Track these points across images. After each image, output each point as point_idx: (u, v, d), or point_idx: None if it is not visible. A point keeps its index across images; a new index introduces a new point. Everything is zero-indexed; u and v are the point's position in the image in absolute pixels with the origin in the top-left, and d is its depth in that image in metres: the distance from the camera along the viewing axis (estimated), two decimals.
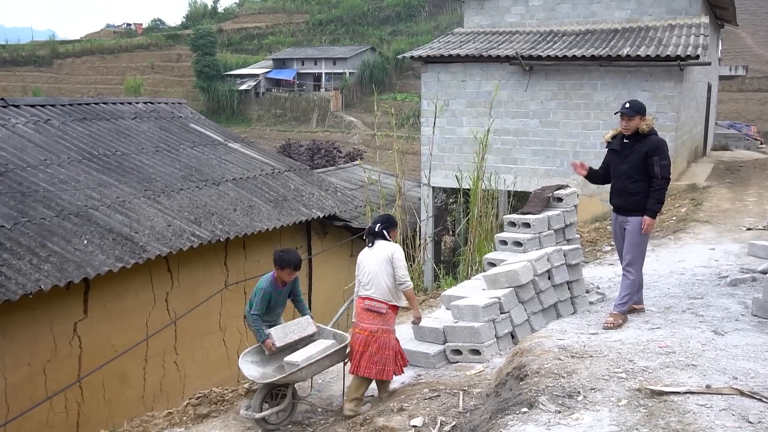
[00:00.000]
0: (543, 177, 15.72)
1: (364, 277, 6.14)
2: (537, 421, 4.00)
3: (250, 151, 13.73)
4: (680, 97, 14.97)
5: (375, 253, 6.15)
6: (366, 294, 6.11)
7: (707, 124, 22.74)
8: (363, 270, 6.18)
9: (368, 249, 6.25)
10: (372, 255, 6.17)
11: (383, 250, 6.13)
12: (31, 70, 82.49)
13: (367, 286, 6.11)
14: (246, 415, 6.04)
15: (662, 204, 6.51)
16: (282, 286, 6.50)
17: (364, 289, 6.14)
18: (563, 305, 7.32)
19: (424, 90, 17.33)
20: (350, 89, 68.82)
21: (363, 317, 6.09)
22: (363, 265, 6.20)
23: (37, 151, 10.17)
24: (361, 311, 6.11)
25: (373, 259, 6.14)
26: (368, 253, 6.22)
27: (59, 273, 7.72)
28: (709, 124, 23.37)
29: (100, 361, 8.36)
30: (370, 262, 6.14)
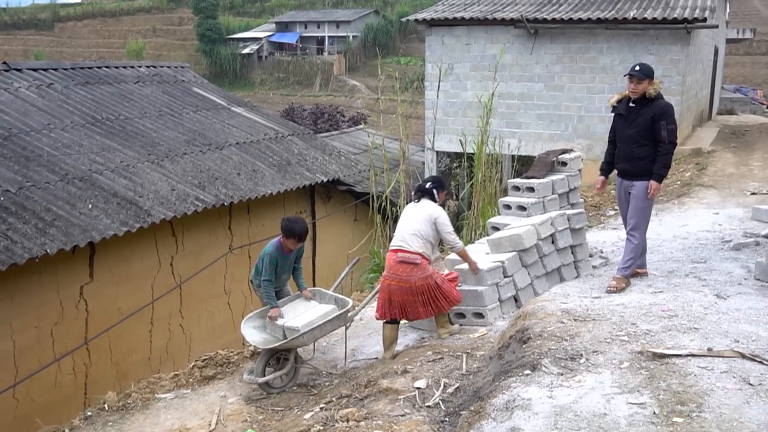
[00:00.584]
0: (547, 141, 15.65)
1: (404, 231, 6.28)
2: (539, 383, 4.04)
3: (253, 115, 13.67)
4: (686, 61, 14.83)
5: (419, 210, 6.36)
6: (400, 246, 6.24)
7: (713, 87, 22.55)
8: (404, 224, 6.35)
9: (414, 204, 6.49)
10: (416, 211, 6.38)
11: (427, 209, 6.35)
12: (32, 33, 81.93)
13: (404, 239, 6.24)
14: (249, 379, 6.10)
15: (669, 169, 6.48)
16: (288, 252, 6.55)
17: (399, 242, 6.26)
18: (566, 269, 7.34)
19: (428, 53, 17.18)
20: (353, 53, 68.24)
21: (399, 270, 6.20)
22: (406, 220, 6.38)
23: (40, 116, 10.14)
24: (395, 264, 6.22)
25: (416, 215, 6.33)
26: (413, 208, 6.44)
27: (65, 237, 7.75)
28: (715, 88, 23.18)
29: (106, 324, 8.44)
30: (413, 218, 6.33)
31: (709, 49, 19.62)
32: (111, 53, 72.84)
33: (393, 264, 6.25)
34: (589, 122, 15.55)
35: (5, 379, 7.55)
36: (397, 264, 6.21)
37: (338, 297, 6.65)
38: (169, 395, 6.39)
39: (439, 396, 4.97)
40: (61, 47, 77.96)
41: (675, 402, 3.62)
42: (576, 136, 15.68)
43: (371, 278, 10.14)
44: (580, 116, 15.65)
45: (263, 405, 5.92)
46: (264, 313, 6.47)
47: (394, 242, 6.32)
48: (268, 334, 6.31)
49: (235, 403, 6.00)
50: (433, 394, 5.02)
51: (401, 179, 11.98)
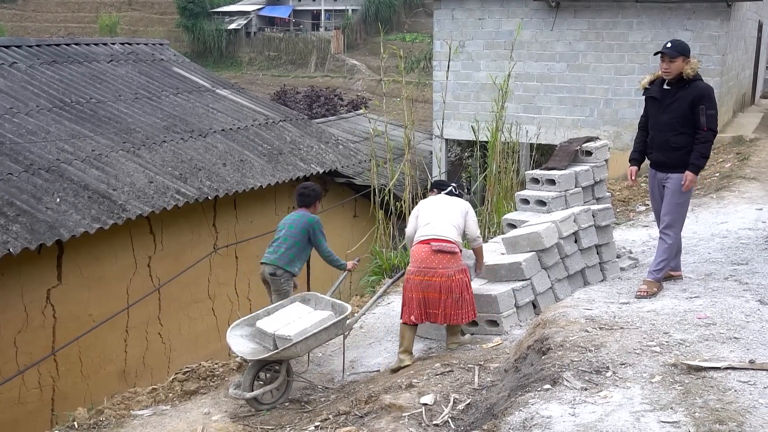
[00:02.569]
0: (570, 128, 15.63)
1: (436, 222, 6.37)
2: (561, 399, 4.04)
3: (240, 98, 13.68)
4: (727, 38, 14.79)
5: (449, 202, 6.62)
6: (435, 235, 6.28)
7: (756, 68, 22.49)
8: (434, 214, 6.45)
9: (437, 196, 6.72)
10: (445, 202, 6.61)
11: (458, 201, 6.66)
12: None
13: (438, 229, 6.33)
14: (235, 394, 6.10)
15: (707, 159, 6.47)
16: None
17: (432, 231, 6.32)
18: (591, 271, 7.34)
19: (437, 29, 17.15)
20: (353, 29, 68.14)
21: (434, 261, 6.21)
22: (435, 210, 6.51)
23: (1, 98, 10.16)
24: (430, 255, 6.22)
25: (447, 206, 6.55)
26: (440, 200, 6.66)
27: (29, 235, 7.77)
28: (758, 69, 23.11)
29: (76, 332, 8.45)
30: (445, 208, 6.52)
31: (752, 25, 19.56)
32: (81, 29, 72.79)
33: (426, 256, 6.23)
34: (617, 107, 15.52)
35: None
36: (433, 255, 6.21)
37: (335, 302, 6.66)
38: (146, 412, 6.41)
39: (448, 413, 4.97)
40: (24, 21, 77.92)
41: (713, 420, 3.63)
42: (602, 122, 15.66)
43: (372, 281, 10.14)
44: (606, 100, 15.61)
45: (251, 423, 5.93)
46: (251, 320, 6.47)
47: (424, 233, 6.35)
48: (257, 343, 6.32)
49: (219, 420, 6.01)
50: (441, 411, 5.02)
51: (406, 171, 11.97)
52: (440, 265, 6.20)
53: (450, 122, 16.57)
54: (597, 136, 10.49)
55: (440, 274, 6.19)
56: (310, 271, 8.07)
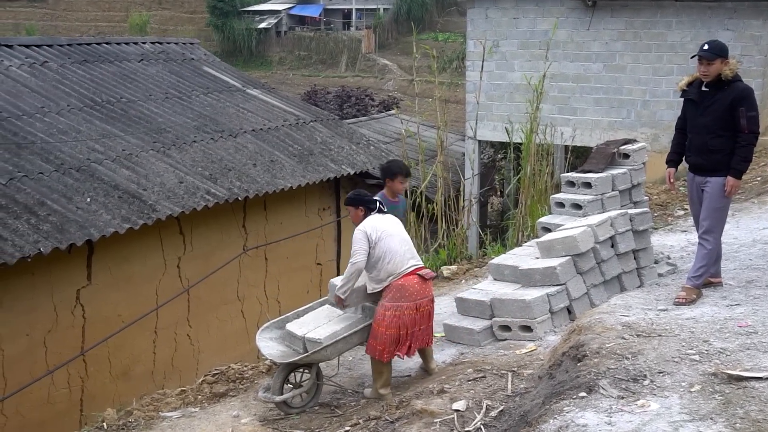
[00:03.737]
0: (606, 130, 15.52)
1: (407, 248, 6.24)
2: (597, 407, 4.02)
3: (271, 98, 13.76)
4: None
5: (396, 222, 6.39)
6: (418, 263, 6.24)
7: None
8: (396, 238, 6.19)
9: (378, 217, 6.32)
10: (393, 223, 6.34)
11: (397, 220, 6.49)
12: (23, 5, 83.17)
13: (414, 255, 6.28)
14: (264, 398, 6.14)
15: (749, 162, 6.40)
16: (395, 200, 7.05)
17: (414, 260, 6.22)
18: (628, 277, 7.29)
19: (470, 29, 17.12)
20: (384, 28, 68.21)
21: (426, 290, 6.18)
22: (398, 234, 6.26)
23: (33, 98, 10.31)
24: (422, 285, 6.14)
25: (399, 227, 6.35)
26: (385, 221, 6.30)
27: (60, 234, 7.88)
28: None
29: (105, 332, 8.55)
30: (399, 229, 6.32)
31: None
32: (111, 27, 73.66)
33: (420, 287, 6.14)
34: (654, 108, 15.38)
35: None
36: (424, 284, 6.18)
37: (366, 305, 6.68)
38: (174, 414, 6.47)
39: (480, 420, 4.97)
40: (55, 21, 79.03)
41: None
42: (640, 124, 15.53)
43: None
44: (644, 101, 15.48)
45: (281, 426, 5.97)
46: (282, 323, 6.51)
47: (408, 264, 6.15)
48: (286, 346, 6.35)
49: (248, 424, 6.05)
50: (473, 418, 5.02)
51: (439, 172, 11.98)
52: (429, 291, 6.23)
53: (483, 123, 16.53)
54: (634, 138, 10.41)
55: (430, 298, 6.24)
56: (340, 273, 8.08)
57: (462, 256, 11.14)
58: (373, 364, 6.21)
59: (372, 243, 6.11)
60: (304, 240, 11.77)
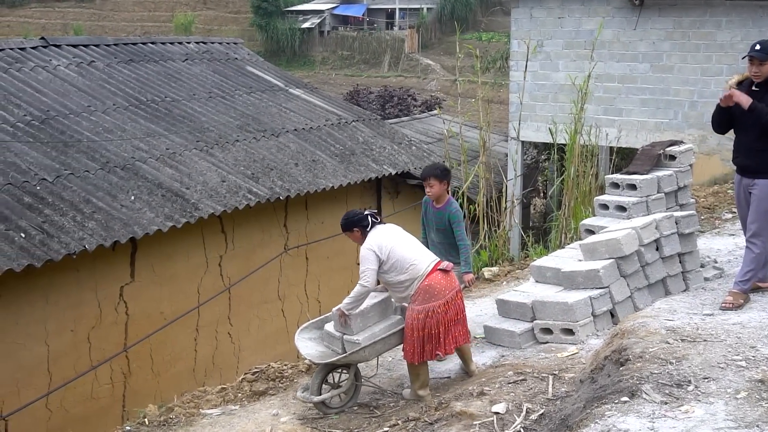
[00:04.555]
0: (652, 131, 15.34)
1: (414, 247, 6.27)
2: (639, 412, 3.98)
3: (313, 98, 13.83)
4: None
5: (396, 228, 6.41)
6: (434, 259, 6.21)
7: None
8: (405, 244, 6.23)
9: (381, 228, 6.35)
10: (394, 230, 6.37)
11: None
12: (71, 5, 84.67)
13: (426, 252, 6.32)
14: (303, 397, 6.15)
15: None
16: (438, 206, 6.99)
17: (428, 258, 6.21)
18: (673, 281, 7.20)
19: (514, 28, 17.05)
20: (428, 27, 68.17)
21: (452, 282, 6.15)
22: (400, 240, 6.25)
23: (80, 97, 10.50)
24: (445, 279, 6.10)
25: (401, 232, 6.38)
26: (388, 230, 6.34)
27: (104, 231, 8.01)
28: None
29: (147, 329, 8.68)
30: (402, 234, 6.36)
31: None
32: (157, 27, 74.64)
33: (445, 282, 6.09)
34: (702, 109, 15.15)
35: (39, 386, 7.86)
36: (448, 277, 6.13)
37: (404, 306, 6.67)
38: (215, 411, 6.54)
39: (520, 423, 4.94)
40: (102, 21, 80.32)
41: None
42: (687, 125, 15.32)
43: None
44: (692, 102, 15.27)
45: (320, 426, 6.00)
46: (321, 323, 6.53)
47: (426, 264, 6.11)
48: (325, 347, 6.37)
49: (288, 422, 6.09)
50: (513, 421, 5.00)
51: (481, 173, 11.93)
52: (455, 283, 6.19)
53: (526, 124, 16.45)
54: (681, 139, 10.27)
55: (457, 289, 6.18)
56: None
57: (503, 258, 11.09)
58: (409, 367, 6.22)
59: (383, 258, 6.10)
60: (344, 240, 11.69)
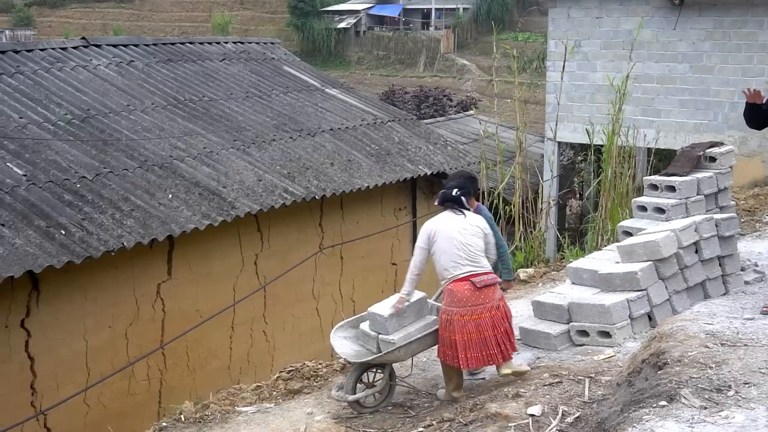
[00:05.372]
0: (692, 132, 15.16)
1: (465, 252, 5.98)
2: (678, 417, 3.93)
3: (349, 97, 13.86)
4: None
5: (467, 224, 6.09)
6: (473, 271, 5.94)
7: None
8: (459, 243, 6.00)
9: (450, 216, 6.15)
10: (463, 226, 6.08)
11: (476, 222, 6.16)
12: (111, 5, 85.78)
13: (472, 260, 5.97)
14: (338, 396, 6.16)
15: None
16: None
17: (468, 266, 5.95)
18: (713, 284, 7.12)
19: (552, 28, 16.94)
20: (464, 28, 68.01)
21: (480, 298, 5.88)
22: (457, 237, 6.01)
23: (119, 96, 10.62)
24: (474, 292, 5.87)
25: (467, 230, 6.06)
26: (456, 223, 6.10)
27: (143, 229, 8.10)
28: None
29: (184, 326, 8.75)
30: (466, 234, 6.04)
31: None
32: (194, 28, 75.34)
33: (471, 294, 5.88)
34: (743, 110, 14.96)
35: (77, 381, 7.97)
36: (478, 292, 5.87)
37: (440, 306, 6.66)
38: (250, 409, 6.57)
39: (556, 426, 4.91)
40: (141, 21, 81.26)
41: None
42: (727, 126, 15.11)
43: None
44: (732, 103, 15.05)
45: (354, 425, 6.00)
46: (356, 322, 6.54)
47: (459, 270, 5.95)
48: (360, 346, 6.37)
49: (322, 421, 6.10)
50: (549, 423, 4.97)
51: (517, 174, 11.88)
52: (487, 300, 5.90)
53: (563, 124, 16.34)
54: (721, 141, 10.14)
55: (489, 308, 5.90)
56: None
57: (539, 259, 11.03)
58: (443, 367, 6.19)
59: (430, 242, 6.11)
60: (379, 240, 11.83)
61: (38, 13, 76.89)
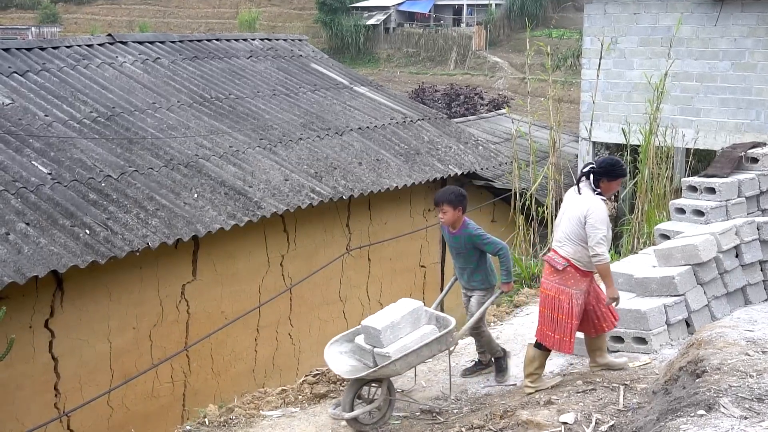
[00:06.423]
0: (733, 132, 14.99)
1: (558, 232, 6.16)
2: (717, 426, 3.88)
3: (378, 96, 13.87)
4: None
5: (574, 205, 6.08)
6: (553, 245, 6.19)
7: None
8: (558, 222, 6.21)
9: (573, 193, 6.20)
10: (571, 205, 6.12)
11: (581, 204, 6.00)
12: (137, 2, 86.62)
13: (559, 241, 6.10)
14: (334, 414, 6.03)
15: None
16: (449, 230, 6.64)
17: (555, 243, 6.17)
18: (753, 290, 7.04)
19: (587, 25, 16.85)
20: (496, 24, 67.80)
21: (544, 272, 6.19)
22: (560, 216, 6.22)
23: (145, 93, 10.72)
24: (547, 268, 6.15)
25: (569, 211, 6.09)
26: (570, 200, 6.19)
27: (167, 229, 8.16)
28: None
29: (208, 328, 8.81)
30: (566, 215, 6.13)
31: None
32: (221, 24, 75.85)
33: (547, 270, 6.18)
34: None
35: (101, 382, 8.05)
36: (549, 269, 6.10)
37: (440, 315, 6.48)
38: (275, 413, 6.61)
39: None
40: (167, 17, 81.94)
41: None
42: None
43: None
44: None
45: (381, 431, 6.01)
46: (352, 336, 6.35)
47: (552, 243, 6.26)
48: (357, 360, 6.20)
49: (348, 426, 6.11)
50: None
51: (550, 174, 11.83)
52: (545, 276, 6.13)
53: (598, 124, 16.23)
54: (764, 141, 10.02)
55: (552, 285, 6.04)
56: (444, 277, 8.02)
57: None
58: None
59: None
60: (408, 241, 11.82)
61: (64, 10, 77.78)
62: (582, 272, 6.00)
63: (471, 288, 6.73)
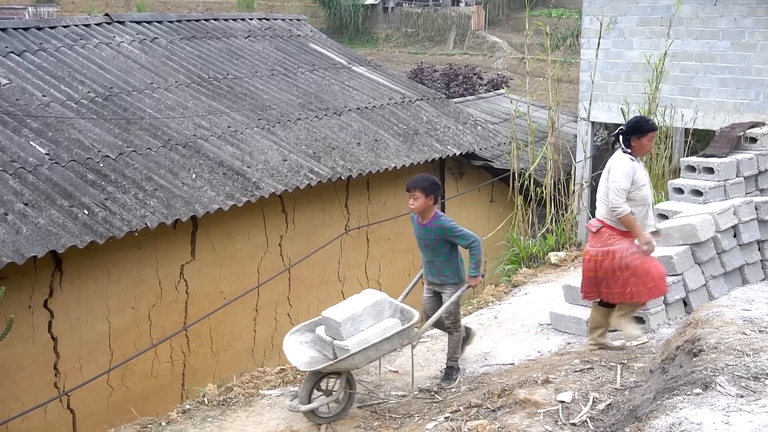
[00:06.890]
0: (732, 112, 14.96)
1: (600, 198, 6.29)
2: (713, 405, 3.91)
3: (376, 76, 13.83)
4: None
5: (607, 166, 6.25)
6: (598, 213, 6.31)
7: None
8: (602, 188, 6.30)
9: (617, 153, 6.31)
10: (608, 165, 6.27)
11: (609, 163, 6.20)
12: None
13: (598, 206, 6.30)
14: (291, 407, 5.89)
15: None
16: (418, 221, 6.54)
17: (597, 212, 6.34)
18: (751, 269, 7.06)
19: (587, 4, 16.76)
20: (495, 4, 67.48)
21: (591, 241, 6.28)
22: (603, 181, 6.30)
23: (142, 74, 10.68)
24: (591, 234, 6.28)
25: (604, 172, 6.27)
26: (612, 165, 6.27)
27: (166, 209, 8.16)
28: None
29: (207, 308, 8.83)
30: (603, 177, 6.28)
31: None
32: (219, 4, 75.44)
33: (591, 235, 6.30)
34: None
35: (100, 362, 8.08)
36: (590, 235, 6.26)
37: (404, 308, 6.30)
38: (274, 392, 6.64)
39: (586, 413, 4.91)
40: None
41: None
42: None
43: (508, 270, 10.09)
44: None
45: (379, 410, 6.04)
46: (313, 326, 6.24)
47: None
48: (317, 351, 6.08)
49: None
50: (579, 410, 4.97)
51: (548, 154, 11.82)
52: (589, 242, 6.28)
53: (597, 104, 16.18)
54: (762, 121, 10.01)
55: (595, 250, 6.18)
56: None
57: (571, 243, 10.98)
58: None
59: None
60: (406, 221, 11.75)
61: None
62: (618, 231, 6.09)
63: (440, 283, 6.51)
